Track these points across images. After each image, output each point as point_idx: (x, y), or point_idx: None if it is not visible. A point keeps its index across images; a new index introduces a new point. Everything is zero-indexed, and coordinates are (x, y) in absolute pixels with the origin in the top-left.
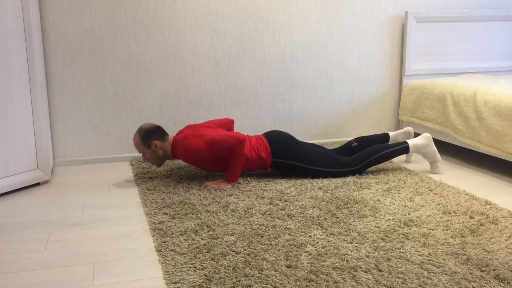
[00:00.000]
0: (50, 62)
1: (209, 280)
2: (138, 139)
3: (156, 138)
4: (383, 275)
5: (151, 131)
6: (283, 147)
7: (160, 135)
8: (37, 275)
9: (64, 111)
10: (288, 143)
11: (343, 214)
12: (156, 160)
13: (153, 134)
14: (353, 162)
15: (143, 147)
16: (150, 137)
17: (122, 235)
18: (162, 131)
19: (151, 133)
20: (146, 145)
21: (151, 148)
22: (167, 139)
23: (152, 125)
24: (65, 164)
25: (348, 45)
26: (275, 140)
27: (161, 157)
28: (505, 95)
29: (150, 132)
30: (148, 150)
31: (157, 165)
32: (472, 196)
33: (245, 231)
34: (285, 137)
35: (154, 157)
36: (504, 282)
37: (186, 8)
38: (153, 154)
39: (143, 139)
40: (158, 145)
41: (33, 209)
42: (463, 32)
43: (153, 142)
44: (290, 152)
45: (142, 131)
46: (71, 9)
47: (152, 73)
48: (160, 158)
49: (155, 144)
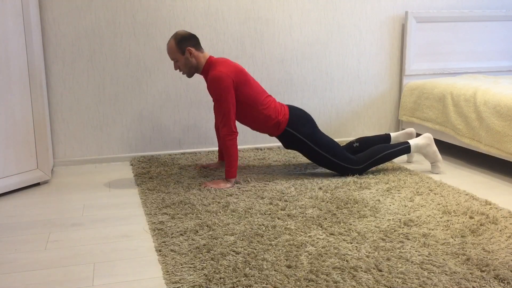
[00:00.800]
0: (50, 62)
1: (209, 280)
2: (172, 43)
3: (191, 44)
4: (383, 275)
5: (188, 37)
6: (300, 120)
7: (195, 43)
8: (37, 275)
9: (64, 111)
10: (307, 120)
11: (343, 214)
12: (188, 69)
13: (189, 40)
14: (357, 161)
15: (177, 52)
16: (186, 42)
17: (122, 235)
18: (198, 41)
19: (187, 39)
20: (181, 50)
21: (185, 55)
22: (203, 52)
23: (188, 33)
24: (65, 164)
25: (348, 45)
26: (296, 112)
27: (194, 66)
28: (505, 95)
29: (186, 38)
30: (181, 57)
31: (188, 74)
32: (472, 196)
33: (245, 231)
34: (307, 115)
35: (187, 64)
36: (504, 282)
37: (186, 8)
38: (186, 61)
39: (178, 44)
40: (193, 52)
41: (33, 209)
42: (463, 32)
43: (187, 48)
44: (305, 128)
45: (178, 36)
46: (71, 9)
47: (152, 73)
48: (192, 67)
49: (190, 51)
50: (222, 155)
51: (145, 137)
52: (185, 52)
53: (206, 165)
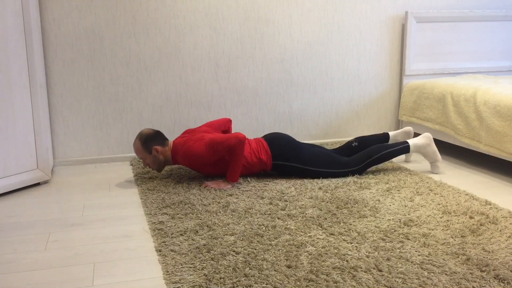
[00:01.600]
0: (50, 62)
1: (209, 280)
2: (138, 144)
3: (157, 143)
4: (383, 275)
5: (152, 136)
6: (283, 149)
7: (160, 140)
8: (37, 275)
9: (64, 111)
10: (288, 145)
11: (343, 214)
12: (157, 165)
13: (154, 139)
14: (354, 162)
15: (144, 152)
16: (151, 142)
17: (122, 235)
18: (162, 136)
19: (152, 139)
20: (147, 150)
21: (152, 154)
22: (167, 144)
23: (152, 130)
24: (65, 164)
25: (348, 45)
26: (275, 142)
27: (162, 162)
28: (505, 95)
29: (150, 137)
30: (149, 155)
31: (158, 170)
32: (472, 196)
33: (245, 231)
34: (285, 138)
35: (155, 162)
36: (504, 282)
37: (186, 8)
38: (154, 159)
39: (144, 145)
40: (159, 150)
41: (33, 209)
42: (463, 32)
43: (154, 147)
44: (290, 154)
45: (142, 137)
46: (71, 9)
47: (152, 73)
48: (161, 163)
49: (156, 150)
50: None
51: None
52: (152, 151)
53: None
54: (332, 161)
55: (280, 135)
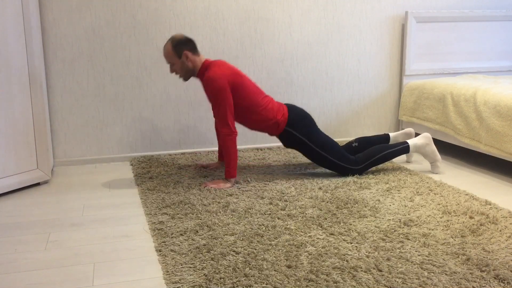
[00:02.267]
0: (50, 62)
1: (209, 280)
2: (169, 47)
3: (188, 48)
4: (383, 275)
5: (184, 41)
6: (300, 120)
7: (192, 47)
8: (37, 275)
9: (64, 111)
10: (306, 119)
11: (343, 214)
12: (184, 72)
13: (186, 44)
14: (356, 161)
15: (173, 56)
16: (183, 46)
17: (122, 235)
18: (195, 45)
19: (184, 43)
20: (177, 54)
21: (181, 59)
22: (198, 55)
23: (184, 36)
24: (65, 164)
25: (348, 45)
26: (295, 111)
27: (190, 69)
28: (505, 95)
29: (183, 42)
30: (178, 60)
31: (184, 78)
32: (472, 196)
33: (245, 231)
34: (305, 114)
35: (183, 68)
36: (504, 282)
37: (186, 8)
38: (182, 65)
39: (175, 48)
40: (189, 56)
41: (33, 209)
42: (463, 32)
43: (184, 51)
44: (304, 128)
45: (174, 40)
46: (71, 9)
47: (152, 73)
48: (188, 71)
49: (186, 55)
50: (222, 155)
51: (145, 137)
52: (182, 55)
53: (206, 165)
54: (340, 153)
55: (302, 110)
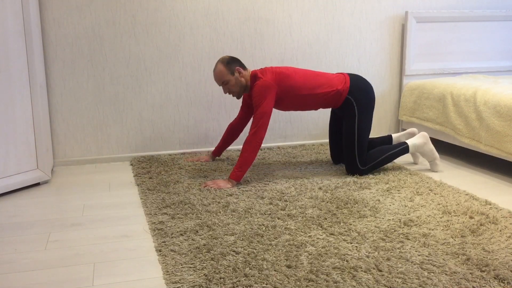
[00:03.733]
0: (50, 62)
1: (209, 280)
2: (221, 66)
3: (238, 65)
4: (383, 275)
5: (233, 59)
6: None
7: (241, 63)
8: (37, 275)
9: (64, 111)
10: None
11: (343, 214)
12: (239, 88)
13: (236, 61)
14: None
15: (227, 74)
16: (233, 63)
17: (122, 235)
18: (241, 61)
19: (234, 60)
20: (230, 71)
21: (235, 75)
22: (247, 69)
23: (230, 56)
24: (65, 164)
25: (348, 45)
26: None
27: (243, 85)
28: (505, 95)
29: (233, 59)
30: (232, 77)
31: (238, 95)
32: (472, 196)
33: (245, 231)
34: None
35: (238, 84)
36: (504, 282)
37: (186, 8)
38: (236, 81)
39: (227, 66)
40: (241, 71)
41: (33, 209)
42: (463, 32)
43: (236, 68)
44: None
45: (224, 59)
46: (71, 9)
47: (152, 73)
48: (242, 86)
49: (239, 71)
50: (217, 151)
51: (145, 137)
52: (235, 72)
53: (196, 159)
54: (364, 149)
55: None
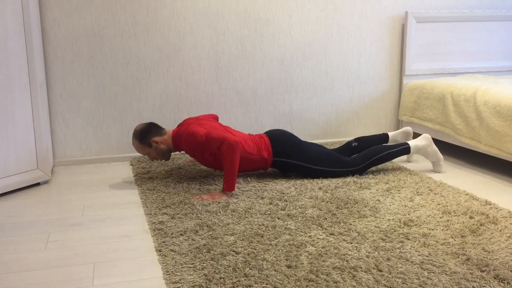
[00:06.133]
0: (50, 62)
1: (209, 280)
2: (136, 143)
3: (153, 134)
4: (383, 275)
5: (146, 130)
6: (285, 146)
7: (156, 131)
8: (37, 275)
9: (64, 111)
10: (290, 142)
11: (343, 214)
12: (162, 155)
13: (149, 132)
14: (354, 162)
15: (144, 148)
16: (147, 135)
17: (122, 235)
18: (156, 126)
19: (147, 132)
20: (147, 145)
21: (153, 146)
22: (165, 132)
23: (144, 124)
24: (65, 164)
25: (348, 45)
26: (277, 139)
27: (166, 150)
28: (505, 95)
29: (145, 131)
30: (151, 149)
31: (166, 159)
32: (472, 196)
33: (245, 231)
34: (287, 135)
35: (159, 153)
36: (504, 282)
37: (186, 8)
38: (157, 150)
39: (141, 141)
40: (158, 140)
41: (33, 209)
42: (463, 32)
43: (152, 139)
44: (292, 151)
45: (137, 134)
46: (71, 9)
47: (152, 73)
48: (165, 152)
49: (155, 141)
50: None
51: None
52: (152, 144)
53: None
54: (334, 160)
55: (283, 132)
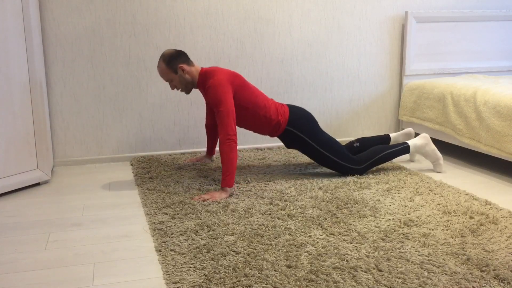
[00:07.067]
0: (50, 62)
1: (209, 280)
2: (163, 65)
3: (181, 61)
4: (383, 275)
5: (176, 55)
6: (301, 119)
7: (185, 59)
8: (37, 275)
9: (64, 111)
10: (308, 119)
11: (343, 214)
12: (184, 85)
13: (178, 58)
14: (357, 161)
15: (169, 73)
16: (175, 61)
17: (122, 235)
18: (186, 55)
19: (176, 57)
20: (173, 70)
21: (178, 73)
22: (193, 65)
23: (174, 50)
24: (65, 164)
25: (348, 45)
26: (297, 112)
27: (189, 82)
28: (505, 95)
29: (174, 56)
30: (175, 76)
31: (186, 91)
32: (472, 196)
33: (245, 231)
34: (307, 113)
35: (182, 82)
36: (504, 282)
37: (186, 8)
38: (181, 79)
39: (168, 64)
40: (185, 68)
41: (33, 209)
42: (463, 32)
43: (179, 65)
44: (306, 127)
45: (166, 57)
46: (71, 9)
47: (152, 73)
48: (188, 83)
49: (182, 68)
50: (210, 151)
51: (145, 137)
52: (178, 70)
53: (194, 159)
54: (342, 153)
55: (304, 110)
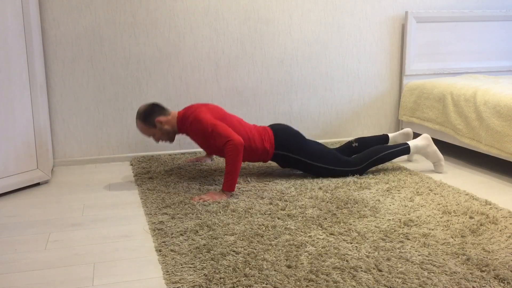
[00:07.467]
0: (50, 62)
1: (209, 280)
2: (141, 124)
3: (157, 114)
4: (383, 275)
5: (149, 111)
6: (287, 140)
7: (160, 111)
8: (37, 275)
9: (64, 111)
10: (293, 137)
11: (343, 214)
12: (167, 136)
13: (153, 113)
14: (355, 162)
15: (149, 129)
16: (151, 116)
17: (122, 235)
18: (160, 106)
19: (151, 113)
20: (151, 125)
21: (157, 127)
22: (169, 113)
23: (147, 105)
24: (65, 164)
25: (348, 45)
26: (281, 133)
27: (171, 131)
28: (505, 95)
29: (148, 112)
30: (156, 130)
31: (170, 140)
32: (472, 196)
33: (245, 231)
34: (291, 130)
35: (164, 133)
36: (504, 282)
37: (186, 8)
38: (162, 131)
39: (145, 121)
40: (163, 120)
41: (33, 209)
42: (463, 32)
43: (156, 120)
44: (294, 146)
45: (141, 115)
46: (71, 9)
47: (152, 73)
48: (170, 133)
49: (159, 121)
50: None
51: (145, 137)
52: (156, 124)
53: (195, 159)
54: (335, 159)
55: (287, 127)
